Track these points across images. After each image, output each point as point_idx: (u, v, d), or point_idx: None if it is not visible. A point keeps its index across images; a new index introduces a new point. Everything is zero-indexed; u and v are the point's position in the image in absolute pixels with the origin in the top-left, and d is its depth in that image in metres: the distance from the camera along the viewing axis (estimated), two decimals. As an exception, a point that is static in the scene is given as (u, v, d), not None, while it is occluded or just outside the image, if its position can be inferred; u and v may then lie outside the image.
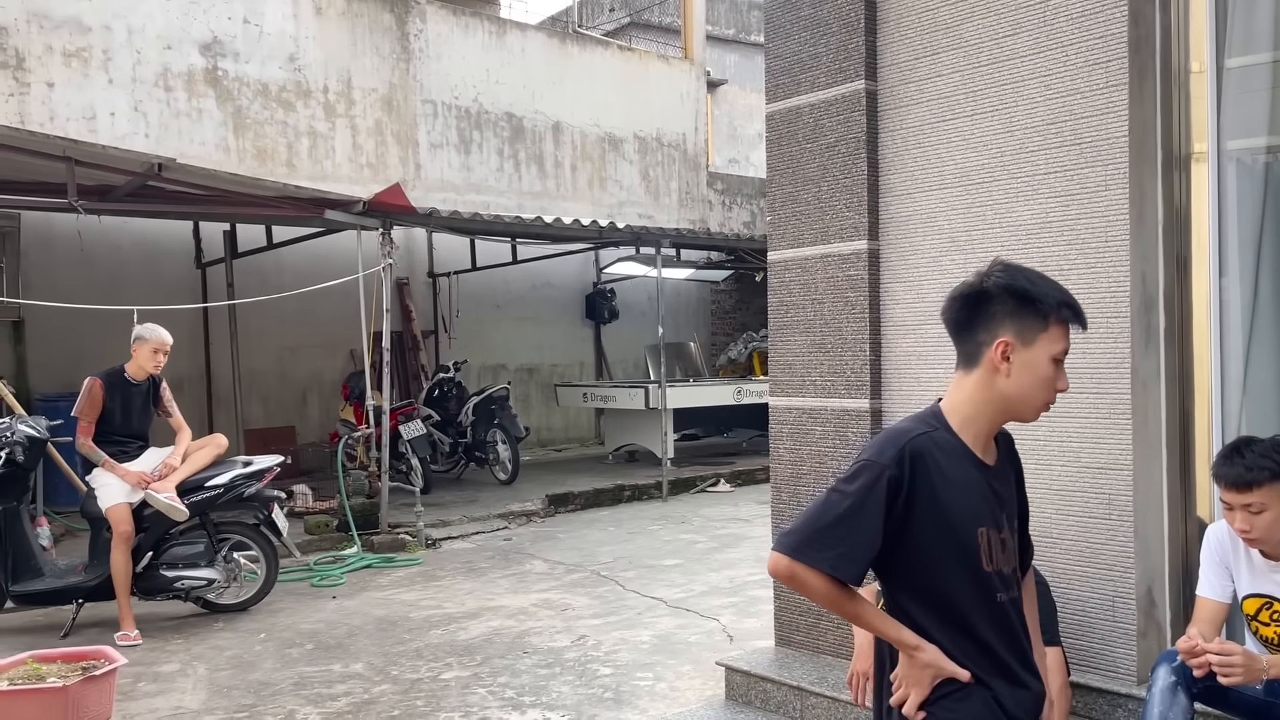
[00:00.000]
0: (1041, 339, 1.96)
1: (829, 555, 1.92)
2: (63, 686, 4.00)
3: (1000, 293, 1.98)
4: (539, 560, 7.56)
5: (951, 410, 2.04)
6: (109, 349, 7.79)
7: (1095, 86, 3.48)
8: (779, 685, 4.07)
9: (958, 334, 2.05)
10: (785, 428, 4.41)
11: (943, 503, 1.95)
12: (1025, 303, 1.97)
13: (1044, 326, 1.96)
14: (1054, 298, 1.97)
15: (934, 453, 1.97)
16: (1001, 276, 1.99)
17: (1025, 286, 1.98)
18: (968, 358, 2.03)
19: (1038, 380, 1.97)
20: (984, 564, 1.97)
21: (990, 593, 1.99)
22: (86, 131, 9.80)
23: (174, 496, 5.74)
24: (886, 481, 1.92)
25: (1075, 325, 1.99)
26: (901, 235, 4.05)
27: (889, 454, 1.94)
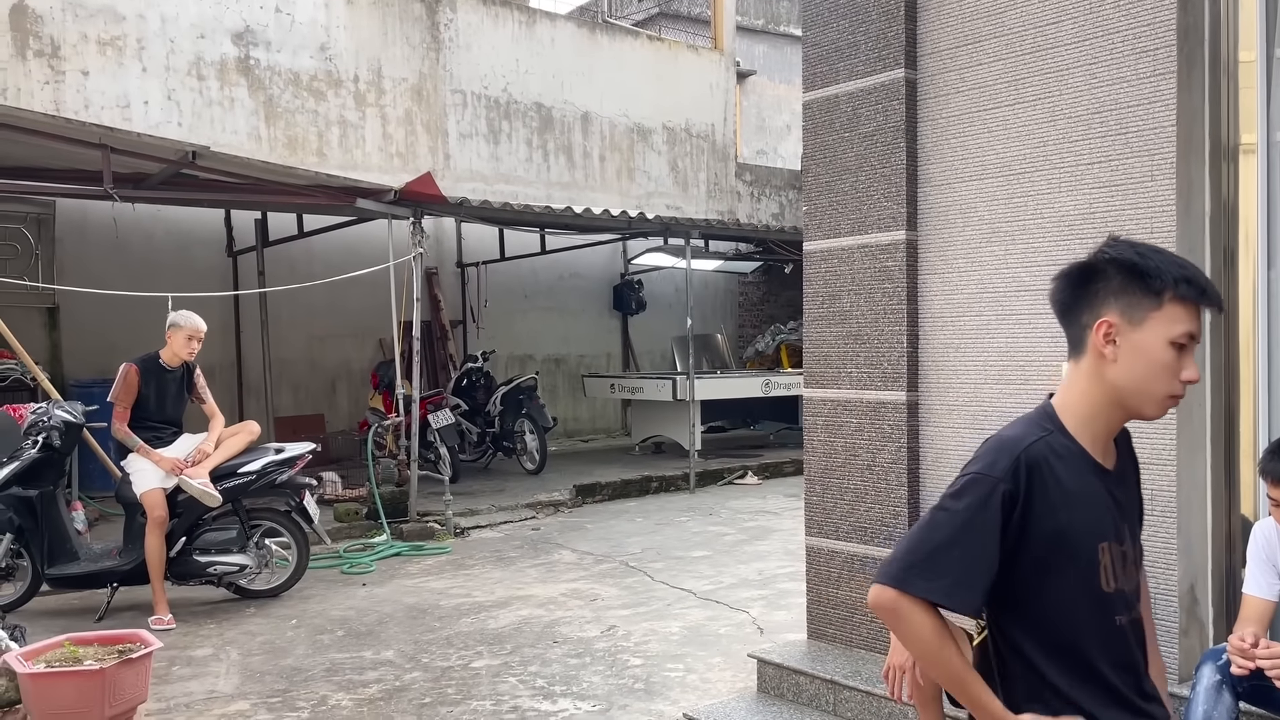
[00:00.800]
0: (1153, 319, 1.69)
1: (941, 584, 1.69)
2: (99, 669, 4.04)
3: (1106, 267, 1.73)
4: (567, 550, 7.57)
5: (1065, 409, 1.81)
6: (142, 336, 7.86)
7: (1142, 75, 3.42)
8: (812, 679, 4.04)
9: (1064, 318, 1.83)
10: (820, 420, 4.38)
11: (1060, 518, 1.72)
12: (1133, 277, 1.71)
13: (1157, 304, 1.68)
14: (1170, 272, 1.68)
15: (1050, 461, 1.74)
16: (1109, 249, 1.75)
17: (1133, 259, 1.71)
18: (1074, 345, 1.80)
19: (1152, 367, 1.70)
20: (1104, 584, 1.75)
21: (1109, 615, 1.77)
22: (121, 120, 9.87)
23: (208, 482, 5.79)
24: (1001, 497, 1.69)
25: (1205, 305, 1.71)
26: (940, 226, 4.00)
27: (1001, 465, 1.71)
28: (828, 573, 4.34)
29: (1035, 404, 3.74)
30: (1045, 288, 3.67)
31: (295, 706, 4.41)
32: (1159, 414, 1.75)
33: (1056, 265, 3.64)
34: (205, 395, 6.22)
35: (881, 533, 4.14)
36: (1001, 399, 3.80)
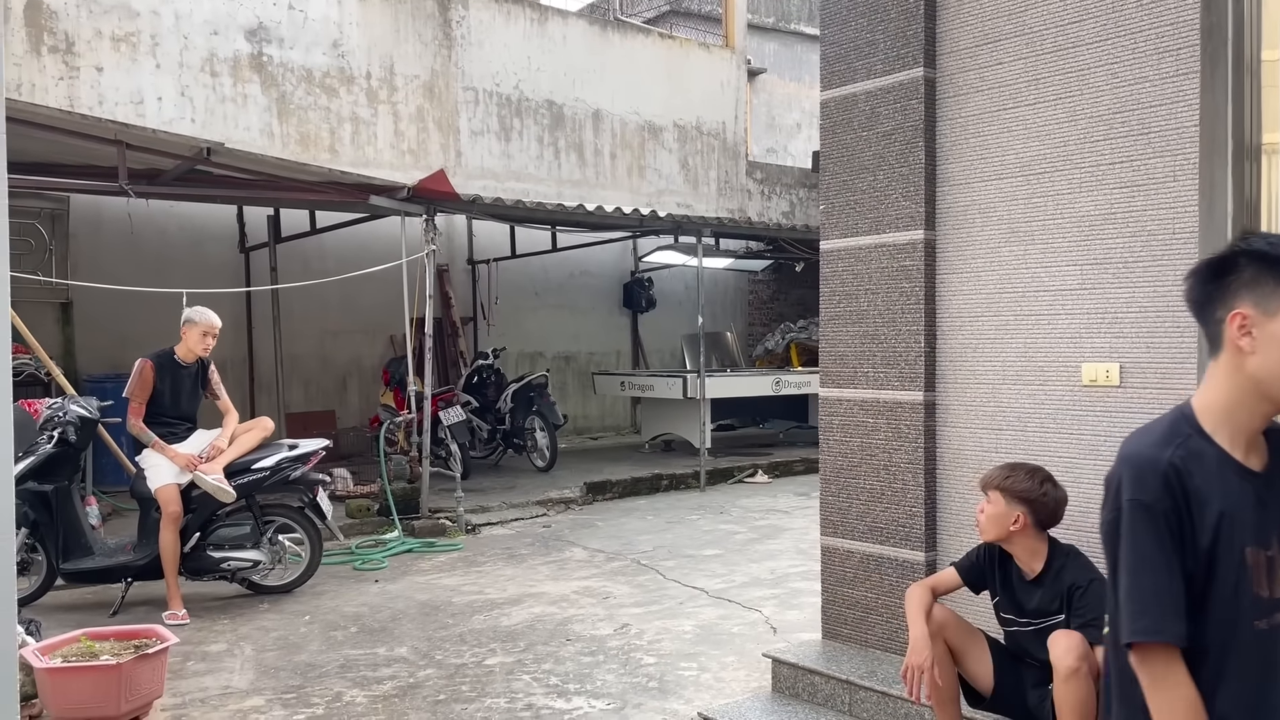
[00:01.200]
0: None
1: (1171, 626, 1.67)
2: (116, 664, 4.05)
3: (1238, 259, 1.71)
4: (579, 548, 7.57)
5: (1204, 409, 1.76)
6: (155, 331, 7.88)
7: (1164, 75, 3.40)
8: (827, 678, 4.04)
9: (1199, 314, 1.79)
10: (836, 419, 4.37)
11: (1200, 526, 1.69)
12: (1265, 267, 1.67)
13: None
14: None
15: (1192, 468, 1.70)
16: (1241, 242, 1.73)
17: (1264, 248, 1.69)
18: (1212, 341, 1.75)
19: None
20: (1251, 590, 1.71)
21: (1249, 622, 1.71)
22: (134, 116, 9.91)
23: (222, 478, 5.80)
24: (1164, 518, 1.68)
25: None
26: (959, 225, 3.99)
27: (1152, 487, 1.69)
28: (843, 573, 4.34)
29: (1053, 406, 3.73)
30: (1065, 288, 3.69)
31: (310, 703, 4.42)
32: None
33: (1076, 266, 3.65)
34: (220, 391, 6.23)
35: (898, 533, 4.13)
36: (1019, 399, 3.79)
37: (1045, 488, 3.26)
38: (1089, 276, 3.59)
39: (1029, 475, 3.27)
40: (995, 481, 3.29)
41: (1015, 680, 3.37)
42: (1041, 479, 3.27)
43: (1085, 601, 3.14)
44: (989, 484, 3.30)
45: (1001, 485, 3.26)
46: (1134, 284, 3.47)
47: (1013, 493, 3.24)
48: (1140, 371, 3.47)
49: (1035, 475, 3.27)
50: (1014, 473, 3.28)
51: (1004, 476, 3.28)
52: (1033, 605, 3.30)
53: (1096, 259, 3.57)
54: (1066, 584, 3.21)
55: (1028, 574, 3.30)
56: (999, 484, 3.28)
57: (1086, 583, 3.17)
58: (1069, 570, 3.24)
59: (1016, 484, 3.24)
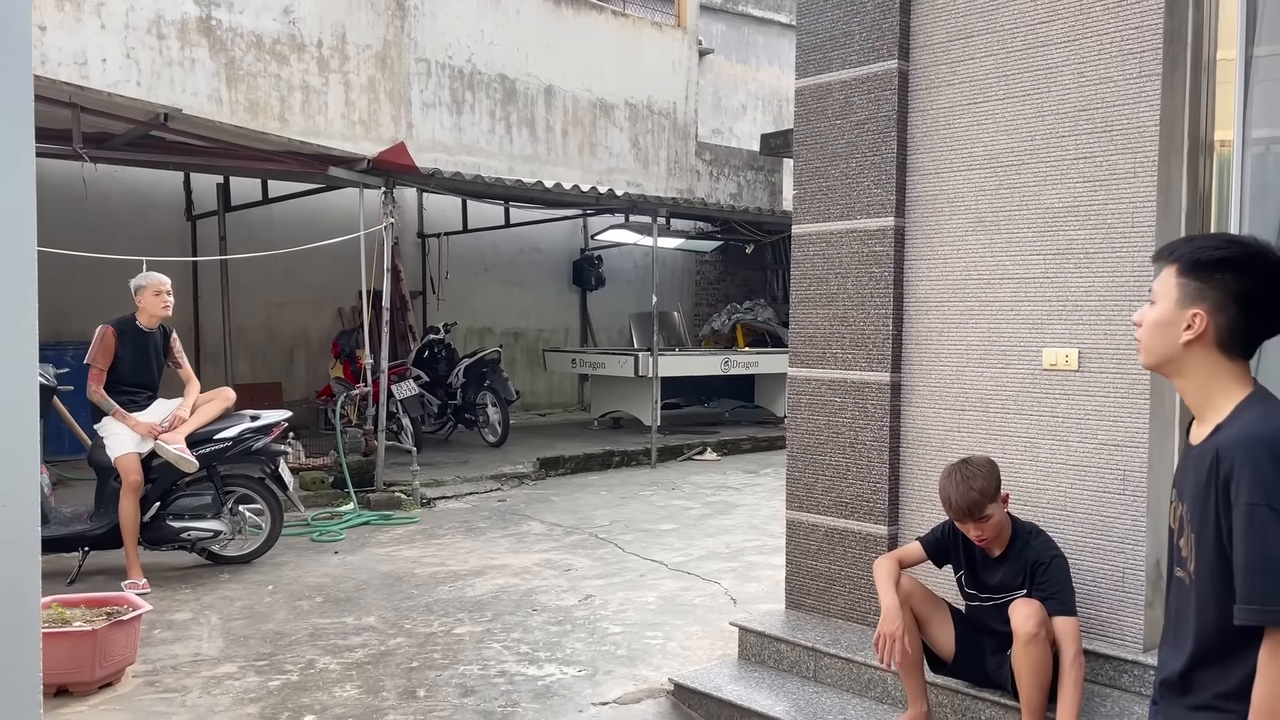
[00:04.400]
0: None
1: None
2: (92, 630, 4.07)
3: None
4: (536, 521, 7.67)
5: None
6: (99, 299, 7.75)
7: (1128, 76, 3.58)
8: (793, 646, 4.20)
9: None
10: (804, 398, 4.52)
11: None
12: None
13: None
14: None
15: None
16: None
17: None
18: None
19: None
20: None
21: (1171, 569, 1.86)
22: (78, 77, 9.66)
23: (184, 448, 5.78)
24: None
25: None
26: (928, 214, 4.15)
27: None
28: (808, 545, 4.50)
29: (1014, 388, 3.91)
30: (1028, 276, 3.87)
31: (283, 669, 4.47)
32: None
33: (1039, 255, 3.84)
34: (182, 359, 6.19)
35: (862, 508, 4.31)
36: (982, 381, 3.98)
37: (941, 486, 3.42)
38: (1051, 266, 3.78)
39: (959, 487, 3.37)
40: (979, 504, 3.34)
41: (975, 648, 3.57)
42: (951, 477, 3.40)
43: (1048, 577, 3.33)
44: (983, 506, 3.35)
45: (990, 498, 3.35)
46: (1094, 274, 3.67)
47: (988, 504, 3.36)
48: (1098, 357, 3.67)
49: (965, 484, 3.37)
50: (966, 488, 3.35)
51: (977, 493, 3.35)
52: (995, 581, 3.49)
53: (1059, 249, 3.76)
54: (1030, 561, 3.40)
55: (991, 552, 3.48)
56: (983, 507, 3.35)
57: (1049, 560, 3.37)
58: (1032, 548, 3.43)
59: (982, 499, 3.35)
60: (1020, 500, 3.77)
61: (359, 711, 4.02)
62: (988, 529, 3.37)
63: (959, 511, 3.36)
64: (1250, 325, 1.83)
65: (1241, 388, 1.85)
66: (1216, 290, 1.84)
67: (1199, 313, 1.84)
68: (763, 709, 3.87)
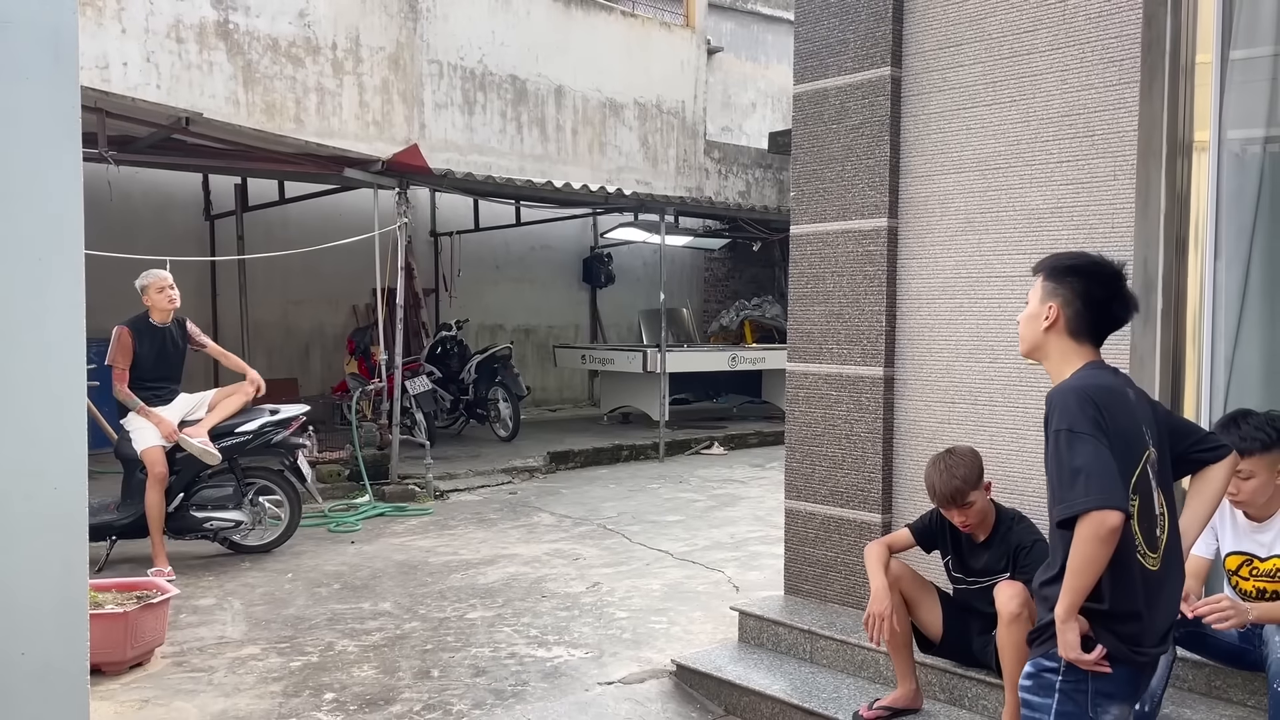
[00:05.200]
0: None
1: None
2: (124, 612, 4.29)
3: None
4: (545, 513, 7.87)
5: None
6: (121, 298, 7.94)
7: (1109, 83, 3.76)
8: (790, 629, 4.39)
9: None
10: (801, 392, 4.70)
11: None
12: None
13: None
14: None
15: None
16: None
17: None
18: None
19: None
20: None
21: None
22: (99, 81, 9.89)
23: (207, 441, 5.99)
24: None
25: None
26: (919, 215, 4.33)
27: None
28: (805, 533, 4.69)
29: (1002, 381, 4.07)
30: (1015, 275, 4.05)
31: (304, 651, 4.68)
32: None
33: (1025, 254, 4.02)
34: (204, 339, 6.37)
35: (857, 497, 4.49)
36: (971, 376, 4.15)
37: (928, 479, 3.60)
38: (1036, 264, 3.95)
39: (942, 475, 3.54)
40: (961, 490, 3.52)
41: (962, 628, 3.75)
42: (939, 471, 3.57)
43: (1030, 559, 3.50)
44: (965, 493, 3.51)
45: (972, 486, 3.53)
46: (1076, 272, 3.83)
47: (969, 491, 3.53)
48: (1080, 351, 3.83)
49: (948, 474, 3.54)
50: (950, 476, 3.53)
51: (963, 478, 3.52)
52: (980, 565, 3.67)
53: (1044, 249, 3.91)
54: (1013, 545, 3.58)
55: (976, 537, 3.66)
56: (965, 494, 3.52)
57: (1030, 544, 3.55)
58: (1015, 533, 3.61)
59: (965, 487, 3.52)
60: (1007, 489, 3.94)
61: (376, 690, 4.22)
62: (971, 515, 3.54)
63: (943, 499, 3.54)
64: (1091, 317, 2.43)
65: (1081, 364, 2.43)
66: (1066, 289, 2.44)
67: (1053, 305, 2.44)
68: (760, 688, 4.06)
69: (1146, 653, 2.31)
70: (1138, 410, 2.41)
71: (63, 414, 2.37)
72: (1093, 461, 2.21)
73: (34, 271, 2.17)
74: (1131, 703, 2.38)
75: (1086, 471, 2.20)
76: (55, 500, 2.39)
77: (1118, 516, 2.17)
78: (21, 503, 2.19)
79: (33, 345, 2.20)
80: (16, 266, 2.14)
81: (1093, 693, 2.28)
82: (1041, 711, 2.32)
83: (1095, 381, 2.35)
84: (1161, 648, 2.37)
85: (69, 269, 2.32)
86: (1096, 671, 2.26)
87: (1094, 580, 2.22)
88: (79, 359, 2.43)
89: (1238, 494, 3.13)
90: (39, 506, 2.24)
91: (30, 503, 2.22)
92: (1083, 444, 2.23)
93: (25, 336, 2.17)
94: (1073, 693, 2.29)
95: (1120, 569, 2.27)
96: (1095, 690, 2.28)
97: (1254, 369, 3.88)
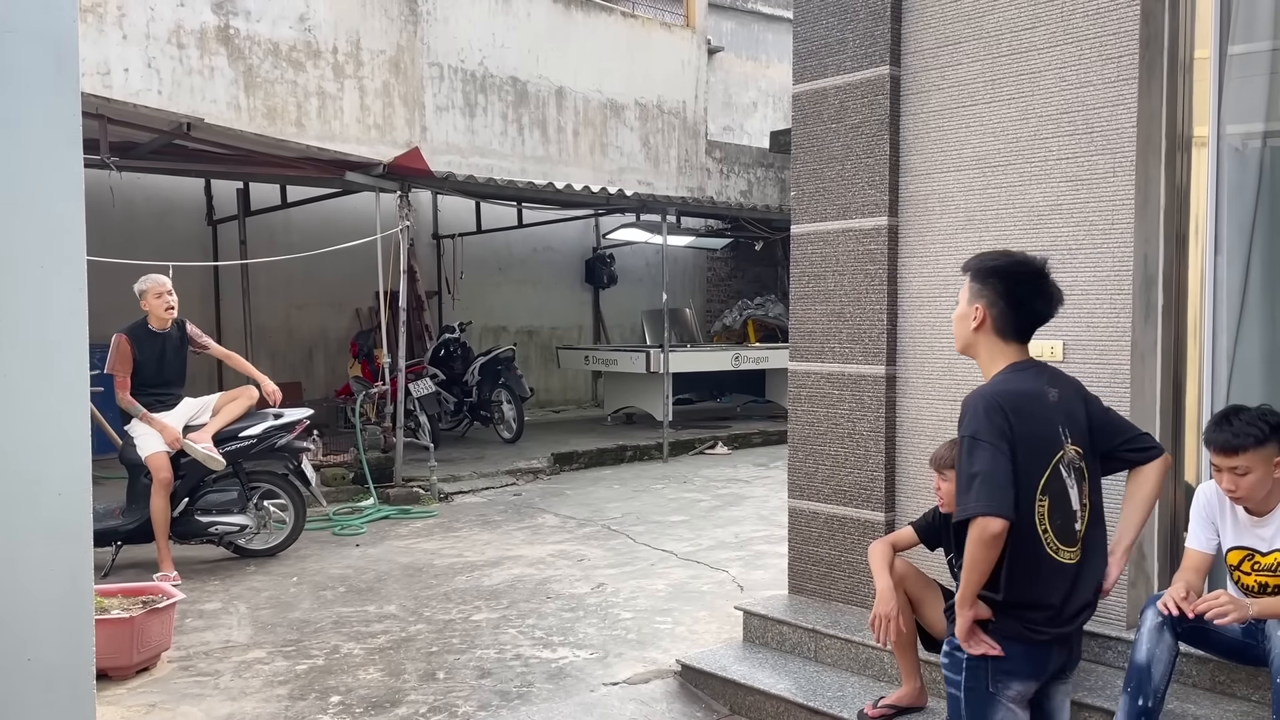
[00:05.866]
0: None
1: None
2: (130, 618, 4.30)
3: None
4: (550, 514, 7.88)
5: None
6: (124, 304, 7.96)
7: (1107, 80, 3.76)
8: (794, 628, 4.40)
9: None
10: (804, 391, 4.71)
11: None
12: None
13: None
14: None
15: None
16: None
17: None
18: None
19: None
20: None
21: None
22: (101, 87, 9.92)
23: (211, 447, 6.01)
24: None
25: None
26: (920, 213, 4.33)
27: None
28: (809, 532, 4.69)
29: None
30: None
31: (309, 654, 4.69)
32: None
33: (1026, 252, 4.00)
34: (206, 340, 6.40)
35: (860, 495, 4.49)
36: (973, 373, 4.11)
37: None
38: (1037, 261, 3.95)
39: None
40: (948, 460, 3.55)
41: (966, 626, 3.75)
42: None
43: None
44: (942, 463, 3.57)
45: (954, 464, 3.59)
46: (1077, 269, 3.84)
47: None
48: (1081, 348, 3.84)
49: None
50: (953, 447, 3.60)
51: (955, 455, 3.60)
52: None
53: (1043, 246, 3.93)
54: None
55: None
56: (952, 462, 3.59)
57: None
58: None
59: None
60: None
61: (382, 692, 4.23)
62: (942, 485, 3.57)
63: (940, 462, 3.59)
64: (1015, 316, 2.54)
65: (1008, 362, 2.54)
66: (990, 291, 2.55)
67: (979, 306, 2.56)
68: (765, 687, 4.06)
69: (1046, 632, 2.47)
70: (1055, 411, 2.52)
71: (66, 419, 2.38)
72: (989, 470, 2.37)
73: (36, 278, 2.18)
74: (1035, 679, 2.55)
75: (982, 478, 2.36)
76: (60, 506, 2.40)
77: (1000, 524, 2.34)
78: (26, 509, 2.20)
79: (36, 351, 2.21)
80: (19, 273, 2.15)
81: (993, 670, 2.48)
82: (954, 686, 2.57)
83: (1008, 387, 2.47)
84: (1068, 627, 2.54)
85: (71, 275, 2.33)
86: (996, 649, 2.47)
87: (984, 576, 2.40)
88: (82, 364, 2.44)
89: (1236, 490, 3.13)
90: (43, 512, 2.25)
91: (35, 509, 2.23)
92: (982, 451, 2.38)
93: (28, 342, 2.18)
94: (976, 669, 2.50)
95: (1025, 564, 2.43)
96: (995, 668, 2.48)
97: (1255, 364, 3.88)
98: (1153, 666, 3.10)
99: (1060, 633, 2.52)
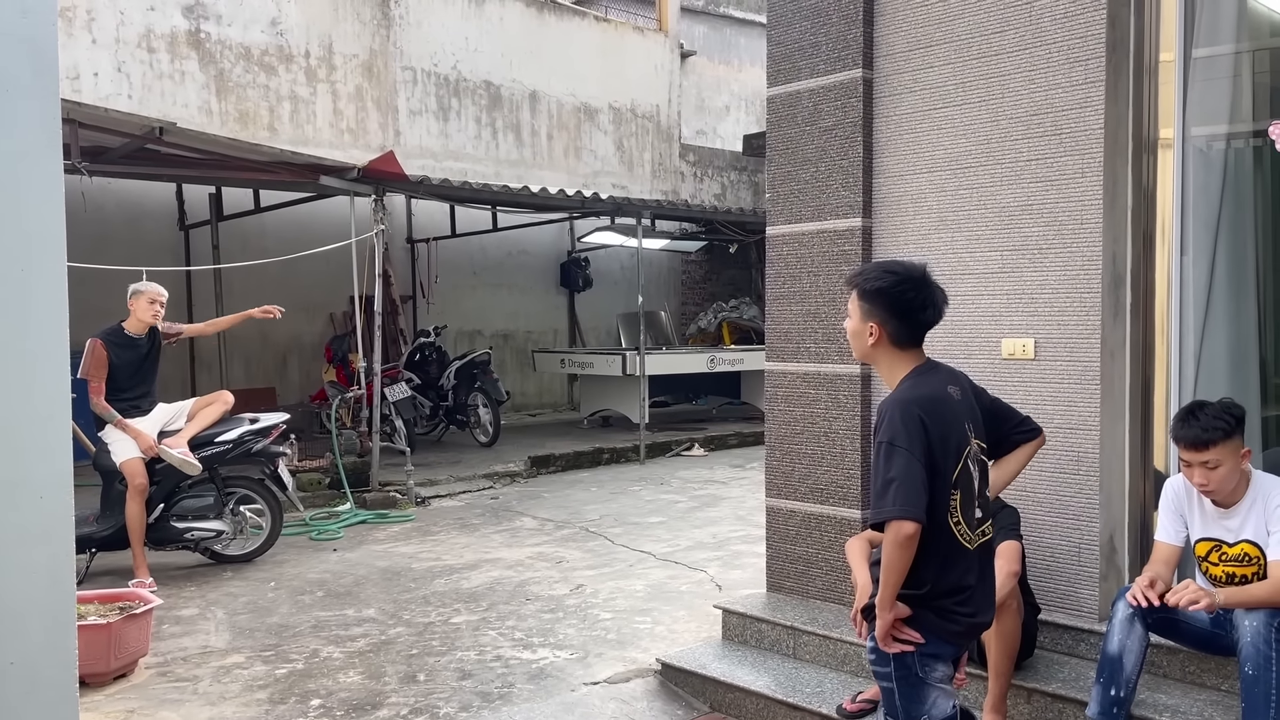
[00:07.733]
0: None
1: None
2: (107, 624, 4.28)
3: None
4: (528, 517, 7.89)
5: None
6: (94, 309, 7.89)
7: (1075, 82, 3.83)
8: (773, 625, 4.44)
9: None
10: (780, 390, 4.75)
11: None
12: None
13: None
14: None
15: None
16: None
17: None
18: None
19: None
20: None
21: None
22: (70, 91, 9.83)
23: (187, 452, 5.98)
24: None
25: None
26: (893, 214, 4.39)
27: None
28: (786, 530, 4.74)
29: (975, 376, 4.14)
30: (987, 272, 4.11)
31: (289, 659, 4.68)
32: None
33: (997, 251, 4.09)
34: (178, 327, 6.48)
35: (836, 493, 4.54)
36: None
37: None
38: (1008, 261, 4.02)
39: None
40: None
41: (944, 620, 3.81)
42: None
43: (999, 524, 3.56)
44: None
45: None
46: (1047, 269, 3.91)
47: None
48: (1052, 346, 3.91)
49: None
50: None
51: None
52: None
53: (1015, 246, 4.00)
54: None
55: None
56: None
57: (999, 508, 3.64)
58: (997, 520, 3.67)
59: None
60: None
61: (362, 695, 4.23)
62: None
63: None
64: (908, 326, 2.66)
65: (909, 367, 2.67)
66: (880, 309, 2.66)
67: (873, 325, 2.68)
68: (745, 684, 4.10)
69: (962, 620, 2.63)
70: (960, 408, 2.68)
71: (47, 423, 2.38)
72: (903, 474, 2.49)
73: (18, 282, 2.18)
74: (954, 660, 2.74)
75: (897, 482, 2.49)
76: (41, 510, 2.39)
77: (914, 526, 2.47)
78: (7, 513, 2.20)
79: (16, 355, 2.20)
80: (1, 277, 2.15)
81: (919, 656, 2.62)
82: (885, 679, 2.68)
83: (919, 392, 2.61)
84: (987, 615, 2.73)
85: (52, 280, 2.33)
86: (911, 646, 2.62)
87: (902, 576, 2.54)
88: (63, 369, 2.44)
89: (1208, 484, 3.19)
90: (25, 517, 2.24)
91: (16, 513, 2.22)
92: (898, 457, 2.51)
93: (9, 346, 2.18)
94: (902, 657, 2.63)
95: (942, 557, 2.59)
96: (920, 652, 2.62)
97: (1221, 360, 3.97)
98: (1124, 657, 3.17)
99: (974, 623, 2.67)
